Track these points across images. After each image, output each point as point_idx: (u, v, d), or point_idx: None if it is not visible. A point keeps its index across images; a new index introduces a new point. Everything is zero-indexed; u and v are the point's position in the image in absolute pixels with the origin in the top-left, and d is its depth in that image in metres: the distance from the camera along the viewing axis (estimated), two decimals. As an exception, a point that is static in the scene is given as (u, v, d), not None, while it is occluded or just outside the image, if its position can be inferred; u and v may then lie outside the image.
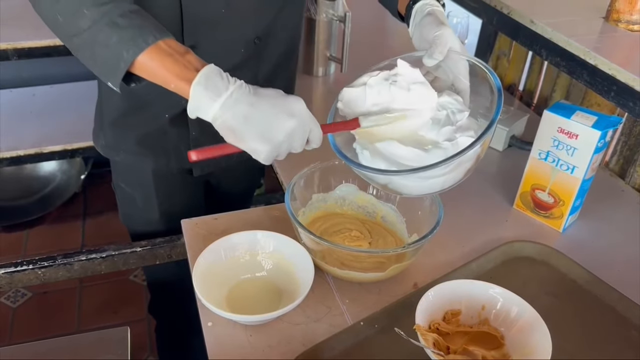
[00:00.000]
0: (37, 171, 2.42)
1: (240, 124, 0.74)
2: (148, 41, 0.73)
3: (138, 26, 0.74)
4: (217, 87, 0.73)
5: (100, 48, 0.75)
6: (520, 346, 0.79)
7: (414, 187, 0.83)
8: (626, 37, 1.03)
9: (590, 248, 1.03)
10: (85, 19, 0.74)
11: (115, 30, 0.73)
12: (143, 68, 0.75)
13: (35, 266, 1.08)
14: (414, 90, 0.83)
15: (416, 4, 0.92)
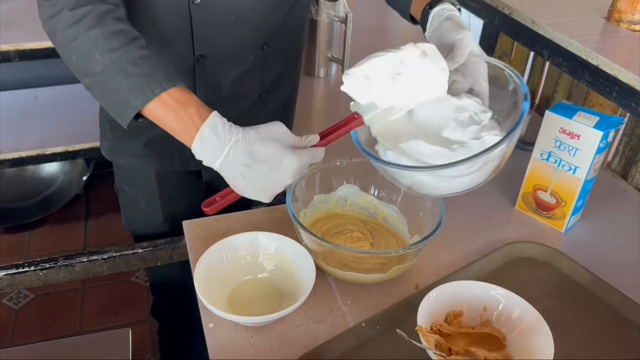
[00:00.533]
0: (39, 173, 2.42)
1: (240, 182, 0.78)
2: (155, 92, 0.77)
3: (147, 75, 0.77)
4: (215, 148, 0.77)
5: (111, 93, 0.79)
6: (522, 347, 0.78)
7: (440, 187, 0.83)
8: (628, 37, 1.03)
9: (593, 249, 1.03)
10: (97, 64, 0.77)
11: (125, 78, 0.77)
12: (150, 115, 0.79)
13: (37, 267, 1.08)
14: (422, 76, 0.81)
15: (433, 9, 0.93)
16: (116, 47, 0.77)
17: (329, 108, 1.53)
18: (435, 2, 0.94)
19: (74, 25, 0.77)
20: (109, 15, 0.79)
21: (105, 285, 2.08)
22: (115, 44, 0.77)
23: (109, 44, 0.77)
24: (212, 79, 1.02)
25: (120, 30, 0.79)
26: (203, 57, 0.99)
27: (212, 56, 0.99)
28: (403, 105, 0.82)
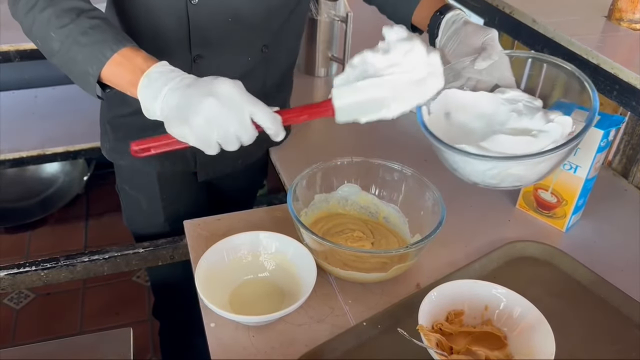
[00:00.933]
0: (40, 173, 2.42)
1: (170, 113, 0.75)
2: (107, 55, 0.78)
3: (97, 42, 0.79)
4: (157, 85, 0.76)
5: (72, 65, 0.81)
6: (524, 346, 0.78)
7: (526, 176, 0.85)
8: (628, 36, 1.03)
9: (594, 248, 1.03)
10: (54, 42, 0.81)
11: (79, 48, 0.79)
12: (107, 79, 0.81)
13: (37, 267, 1.08)
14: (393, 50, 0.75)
15: (445, 15, 0.94)
16: (66, 22, 0.79)
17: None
18: (445, 9, 0.96)
19: (31, 10, 0.81)
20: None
21: (106, 285, 2.08)
22: (66, 19, 0.79)
23: (60, 20, 0.79)
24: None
25: (70, 8, 0.81)
26: (200, 58, 0.99)
27: (209, 57, 0.99)
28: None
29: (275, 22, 1.02)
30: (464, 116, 0.89)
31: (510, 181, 0.85)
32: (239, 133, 0.74)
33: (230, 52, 1.00)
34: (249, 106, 0.74)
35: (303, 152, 1.25)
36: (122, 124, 1.10)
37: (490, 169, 0.82)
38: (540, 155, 0.79)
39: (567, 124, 0.82)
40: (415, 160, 1.16)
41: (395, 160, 1.01)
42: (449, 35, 0.94)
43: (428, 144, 1.32)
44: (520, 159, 0.80)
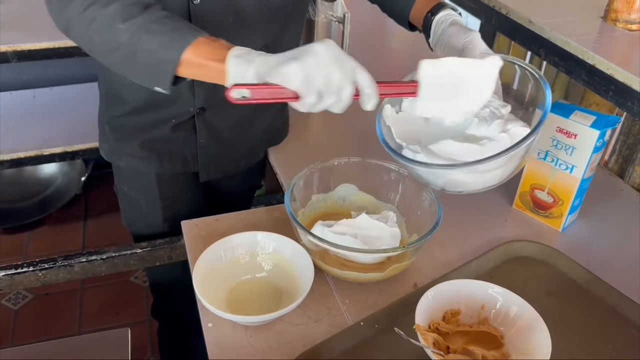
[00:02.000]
0: (38, 173, 2.42)
1: (272, 63, 0.74)
2: (188, 40, 0.76)
3: (173, 29, 0.78)
4: (252, 55, 0.76)
5: (143, 56, 0.78)
6: (520, 346, 0.79)
7: (473, 183, 0.86)
8: (624, 36, 1.03)
9: (590, 247, 1.04)
10: (122, 33, 0.77)
11: (154, 36, 0.77)
12: (186, 66, 0.78)
13: (35, 268, 1.08)
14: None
15: (436, 16, 0.95)
16: (136, 13, 0.78)
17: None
18: (437, 9, 0.96)
19: (90, 6, 0.78)
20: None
21: (104, 286, 2.08)
22: (135, 11, 0.78)
23: (130, 12, 0.77)
24: None
25: (137, 1, 0.79)
26: None
27: None
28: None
29: (276, 22, 1.02)
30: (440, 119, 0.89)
31: (453, 186, 0.86)
32: (342, 83, 0.73)
33: None
34: (352, 63, 0.74)
35: (301, 152, 1.25)
36: (121, 124, 1.10)
37: (429, 173, 0.84)
38: (467, 165, 0.80)
39: (520, 135, 0.81)
40: (413, 160, 1.16)
41: (392, 160, 1.01)
42: (438, 36, 0.94)
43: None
44: (447, 167, 0.81)
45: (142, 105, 1.05)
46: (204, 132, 1.09)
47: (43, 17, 1.57)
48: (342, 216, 1.02)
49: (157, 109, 1.04)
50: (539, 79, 0.85)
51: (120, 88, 1.05)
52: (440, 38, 0.94)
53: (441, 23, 0.94)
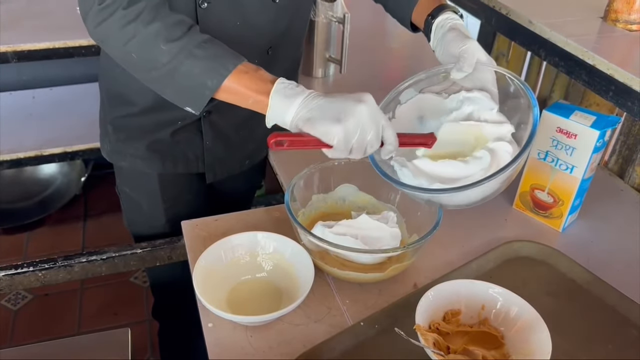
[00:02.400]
0: (38, 174, 2.42)
1: (314, 113, 0.77)
2: (229, 68, 0.79)
3: (215, 55, 0.80)
4: (294, 92, 0.78)
5: (183, 79, 0.80)
6: (520, 346, 0.79)
7: (454, 199, 0.87)
8: (624, 36, 1.04)
9: (590, 247, 1.04)
10: (164, 54, 0.79)
11: (195, 61, 0.79)
12: (224, 92, 0.81)
13: (35, 268, 1.08)
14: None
15: (436, 19, 0.95)
16: (179, 35, 0.79)
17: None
18: (438, 11, 0.96)
19: (132, 22, 0.79)
20: (163, 7, 0.81)
21: (104, 286, 2.08)
22: (178, 32, 0.79)
23: (172, 34, 0.79)
24: None
25: (178, 21, 0.81)
26: None
27: None
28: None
29: (281, 24, 1.02)
30: (434, 122, 0.90)
31: (442, 202, 0.88)
32: (372, 142, 0.78)
33: None
34: (383, 120, 0.79)
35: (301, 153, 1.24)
36: (125, 125, 1.10)
37: (414, 193, 0.86)
38: (453, 190, 0.82)
39: (504, 151, 0.83)
40: (413, 160, 1.16)
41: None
42: (437, 40, 0.94)
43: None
44: (434, 192, 0.83)
45: (149, 107, 1.05)
46: (210, 134, 1.09)
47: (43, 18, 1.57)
48: (342, 216, 1.02)
49: (163, 111, 1.04)
50: (530, 97, 0.85)
51: (125, 89, 1.05)
52: (440, 43, 0.94)
53: (441, 27, 0.94)
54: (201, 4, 0.91)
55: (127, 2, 0.79)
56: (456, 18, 0.94)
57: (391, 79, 1.56)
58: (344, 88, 1.56)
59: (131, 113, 1.07)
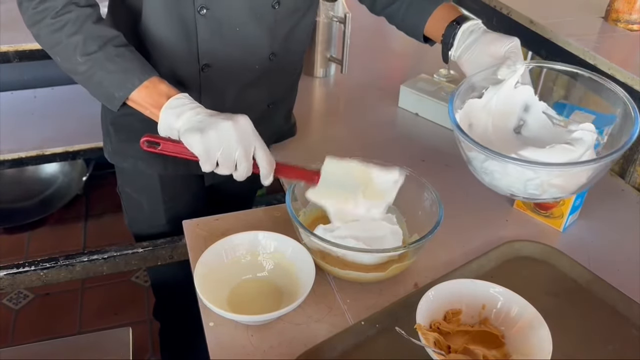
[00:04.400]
0: (39, 173, 2.42)
1: (189, 125, 0.84)
2: (135, 84, 0.87)
3: (125, 70, 0.87)
4: (184, 109, 0.85)
5: (95, 87, 0.89)
6: (521, 345, 0.79)
7: (566, 187, 0.87)
8: (625, 36, 1.04)
9: (591, 247, 1.04)
10: (80, 65, 0.87)
11: (106, 74, 0.87)
12: (131, 102, 0.89)
13: (37, 267, 1.08)
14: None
15: (463, 25, 0.96)
16: (94, 49, 0.86)
17: (328, 108, 1.53)
18: (462, 19, 0.97)
19: (57, 31, 0.87)
20: (89, 20, 0.87)
21: (105, 286, 2.09)
22: (94, 47, 0.86)
23: (88, 47, 0.86)
24: (217, 89, 1.02)
25: (98, 35, 0.87)
26: (208, 67, 0.99)
27: (217, 65, 1.00)
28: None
29: (282, 30, 1.02)
30: (481, 127, 0.90)
31: (552, 193, 0.86)
32: (240, 159, 0.84)
33: (237, 61, 1.01)
34: (256, 141, 0.85)
35: (302, 152, 1.25)
36: (126, 125, 1.10)
37: (533, 179, 0.84)
38: (589, 162, 0.82)
39: (592, 130, 0.85)
40: (413, 160, 1.16)
41: (393, 160, 1.01)
42: (467, 45, 0.94)
43: (426, 145, 1.33)
44: (570, 166, 0.82)
45: None
46: None
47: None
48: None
49: None
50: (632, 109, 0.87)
51: None
52: (471, 47, 0.94)
53: (470, 32, 0.95)
54: (200, 10, 0.92)
55: (55, 12, 0.86)
56: (482, 25, 0.97)
57: (392, 79, 1.56)
58: (344, 88, 1.56)
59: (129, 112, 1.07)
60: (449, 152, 1.30)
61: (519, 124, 0.93)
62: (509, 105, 0.92)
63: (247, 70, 1.03)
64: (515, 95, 0.92)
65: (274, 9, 0.97)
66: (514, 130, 0.91)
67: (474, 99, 0.92)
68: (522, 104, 0.93)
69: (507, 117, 0.93)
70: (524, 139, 0.90)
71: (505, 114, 0.92)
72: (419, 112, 1.44)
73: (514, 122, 0.94)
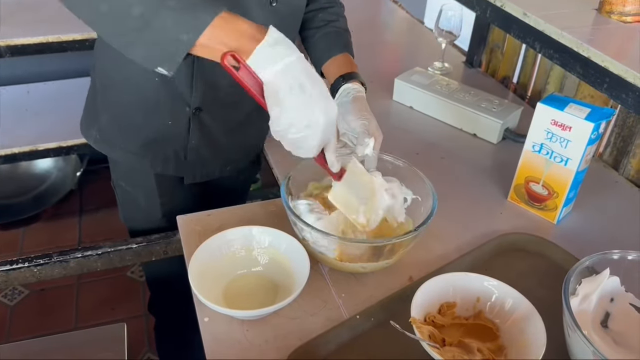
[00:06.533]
0: (33, 169, 2.41)
1: (291, 97, 0.72)
2: (207, 21, 0.69)
3: (191, 5, 0.70)
4: (285, 49, 0.71)
5: (155, 33, 0.70)
6: (515, 338, 0.79)
7: None
8: (619, 28, 1.03)
9: (585, 239, 1.04)
10: (135, 6, 0.69)
11: (169, 13, 0.69)
12: (201, 47, 0.71)
13: (30, 264, 1.08)
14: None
15: (344, 85, 1.02)
16: None
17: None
18: (349, 77, 1.03)
19: None
20: None
21: (101, 281, 2.08)
22: None
23: None
24: (210, 77, 1.01)
25: None
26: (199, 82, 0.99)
27: (206, 78, 0.99)
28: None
29: (282, 30, 1.02)
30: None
31: None
32: (307, 148, 0.77)
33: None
34: (333, 137, 0.80)
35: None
36: (124, 114, 1.08)
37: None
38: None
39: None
40: (408, 153, 1.16)
41: (388, 152, 1.01)
42: (340, 103, 1.00)
43: (421, 139, 1.33)
44: None
45: (142, 98, 1.04)
46: (197, 133, 1.08)
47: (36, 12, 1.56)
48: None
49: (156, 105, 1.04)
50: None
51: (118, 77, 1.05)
52: (341, 106, 0.99)
53: (347, 94, 1.00)
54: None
55: None
56: (362, 90, 1.01)
57: (386, 72, 1.56)
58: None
59: (124, 102, 1.06)
60: (444, 144, 1.31)
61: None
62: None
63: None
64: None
65: (272, 5, 0.97)
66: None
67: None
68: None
69: None
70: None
71: None
72: (413, 105, 1.44)
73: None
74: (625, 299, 0.85)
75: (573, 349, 0.76)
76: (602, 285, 0.84)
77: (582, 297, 0.83)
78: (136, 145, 1.10)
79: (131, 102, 1.06)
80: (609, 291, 0.85)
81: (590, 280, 0.84)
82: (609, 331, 0.84)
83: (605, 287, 0.84)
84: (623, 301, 0.85)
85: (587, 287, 0.83)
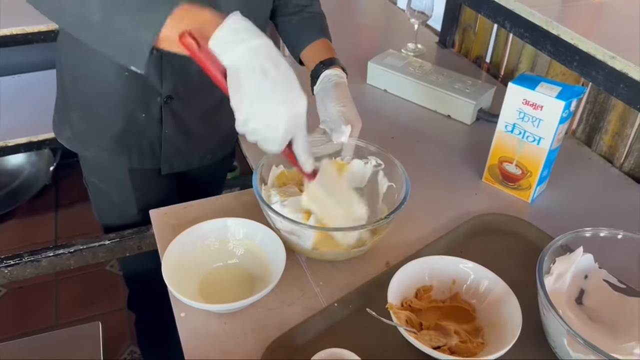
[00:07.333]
0: (4, 165, 2.36)
1: (251, 81, 0.70)
2: (163, 15, 0.69)
3: (149, 3, 0.69)
4: (245, 33, 0.69)
5: (118, 37, 0.71)
6: (492, 319, 0.80)
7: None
8: (588, 6, 1.03)
9: (559, 217, 1.05)
10: (94, 13, 0.70)
11: (126, 14, 0.70)
12: (165, 41, 0.70)
13: (1, 265, 1.05)
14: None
15: (325, 71, 1.01)
16: None
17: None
18: (329, 62, 1.02)
19: None
20: None
21: (80, 276, 2.06)
22: None
23: None
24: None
25: None
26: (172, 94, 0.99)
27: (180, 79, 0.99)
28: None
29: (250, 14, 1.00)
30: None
31: None
32: (270, 141, 0.76)
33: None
34: (300, 131, 0.76)
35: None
36: (95, 112, 1.06)
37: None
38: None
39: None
40: (383, 137, 1.16)
41: (363, 136, 1.00)
42: (321, 88, 1.00)
43: (396, 122, 1.32)
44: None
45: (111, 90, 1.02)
46: (170, 122, 1.06)
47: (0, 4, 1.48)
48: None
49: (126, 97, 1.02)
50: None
51: (86, 72, 1.02)
52: (321, 93, 0.99)
53: (328, 80, 1.00)
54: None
55: None
56: (343, 76, 1.01)
57: (360, 55, 1.54)
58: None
59: (93, 101, 1.04)
60: (419, 127, 1.31)
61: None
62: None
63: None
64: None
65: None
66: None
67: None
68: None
69: None
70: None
71: None
72: (387, 89, 1.43)
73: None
74: (599, 276, 0.86)
75: (548, 328, 0.77)
76: (576, 263, 0.84)
77: (556, 275, 0.83)
78: (110, 141, 1.07)
79: (101, 96, 1.03)
80: (582, 268, 0.86)
81: (564, 258, 0.84)
82: (584, 308, 0.86)
83: (579, 265, 0.85)
84: (597, 278, 0.86)
85: (561, 265, 0.84)
